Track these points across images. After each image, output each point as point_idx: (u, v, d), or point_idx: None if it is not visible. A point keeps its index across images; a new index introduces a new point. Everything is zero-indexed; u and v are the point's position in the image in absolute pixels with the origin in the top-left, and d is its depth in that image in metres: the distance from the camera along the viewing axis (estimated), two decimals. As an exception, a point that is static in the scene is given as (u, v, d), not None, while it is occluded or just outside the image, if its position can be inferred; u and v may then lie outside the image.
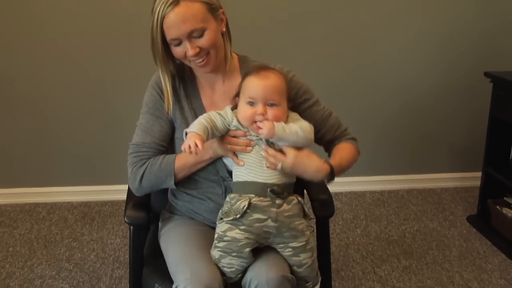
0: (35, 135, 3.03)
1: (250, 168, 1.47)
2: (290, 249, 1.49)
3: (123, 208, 1.65)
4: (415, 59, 3.13)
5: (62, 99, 2.98)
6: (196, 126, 1.43)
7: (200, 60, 1.50)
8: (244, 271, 1.49)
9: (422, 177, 3.35)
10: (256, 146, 1.48)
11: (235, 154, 1.50)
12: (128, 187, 1.79)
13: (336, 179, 1.58)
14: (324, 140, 1.70)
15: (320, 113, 1.67)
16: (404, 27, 3.08)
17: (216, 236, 1.49)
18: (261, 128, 1.43)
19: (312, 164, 1.47)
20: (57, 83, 2.95)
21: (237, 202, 1.46)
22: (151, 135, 1.58)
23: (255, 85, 1.44)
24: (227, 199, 1.50)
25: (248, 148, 1.48)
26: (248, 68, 1.59)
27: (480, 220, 2.87)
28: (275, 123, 1.43)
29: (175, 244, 1.57)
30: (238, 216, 1.45)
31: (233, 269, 1.47)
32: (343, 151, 1.68)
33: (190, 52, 1.47)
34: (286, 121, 1.48)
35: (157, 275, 1.58)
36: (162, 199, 1.69)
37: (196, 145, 1.37)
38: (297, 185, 1.73)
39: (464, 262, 2.55)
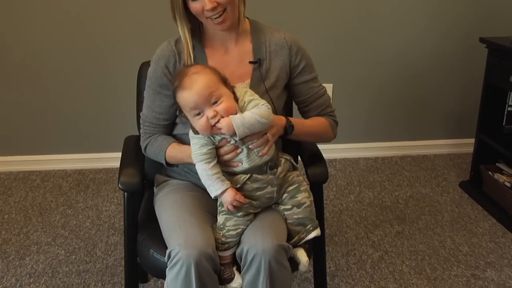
0: (28, 102, 3.01)
1: (243, 161, 1.50)
2: (286, 194, 1.56)
3: (117, 175, 1.66)
4: (409, 24, 3.11)
5: (55, 64, 2.95)
6: (212, 178, 1.47)
7: (217, 15, 1.51)
8: (238, 242, 1.52)
9: (416, 143, 3.37)
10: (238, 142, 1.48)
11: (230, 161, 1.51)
12: (122, 154, 1.80)
13: (330, 146, 1.61)
14: (307, 116, 1.74)
15: (315, 90, 1.71)
16: (400, -8, 3.05)
17: (219, 202, 1.53)
18: (220, 128, 1.43)
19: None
20: (50, 48, 2.92)
21: (236, 175, 1.52)
22: (152, 110, 1.65)
23: (189, 97, 1.43)
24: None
25: (238, 151, 1.49)
26: (258, 33, 1.64)
27: (472, 185, 2.90)
28: (232, 118, 1.43)
29: (168, 209, 1.59)
30: (237, 186, 1.50)
31: (239, 229, 1.50)
32: (313, 120, 1.72)
33: (208, 5, 1.49)
34: (237, 104, 1.48)
35: (152, 240, 1.60)
36: (157, 165, 1.69)
37: (238, 200, 1.47)
38: (292, 149, 1.75)
39: (455, 226, 2.58)
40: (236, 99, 1.48)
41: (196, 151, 1.48)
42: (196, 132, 1.48)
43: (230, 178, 1.51)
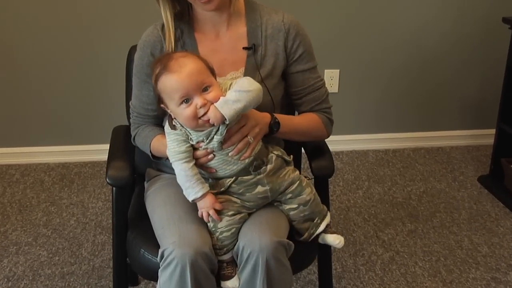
0: (6, 89, 3.01)
1: (223, 167, 1.50)
2: (290, 194, 1.56)
3: (105, 169, 1.67)
4: (424, 3, 3.10)
5: (36, 47, 2.94)
6: (189, 181, 1.47)
7: None
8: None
9: (430, 134, 3.38)
10: (215, 147, 1.48)
11: (203, 166, 1.52)
12: (110, 145, 1.82)
13: (337, 137, 1.61)
14: (300, 109, 1.73)
15: (311, 82, 1.69)
16: (413, -31, 3.05)
17: None
18: (208, 120, 1.42)
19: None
20: (30, 29, 2.92)
21: (223, 181, 1.53)
22: (139, 100, 1.66)
23: (178, 81, 1.41)
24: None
25: (210, 156, 1.48)
26: (254, 14, 1.63)
27: (492, 180, 2.91)
28: (214, 104, 1.41)
29: (161, 205, 1.60)
30: (222, 189, 1.52)
31: (233, 229, 1.51)
32: (303, 117, 1.71)
33: None
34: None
35: (143, 239, 1.62)
36: (148, 158, 1.70)
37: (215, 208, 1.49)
38: (294, 143, 1.76)
39: (474, 225, 2.60)
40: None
41: (174, 149, 1.47)
42: (173, 127, 1.48)
43: (213, 182, 1.53)
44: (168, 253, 1.43)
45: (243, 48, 1.63)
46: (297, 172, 1.60)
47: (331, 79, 3.15)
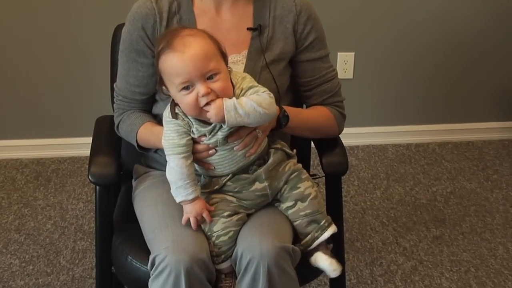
0: (-28, 75, 3.02)
1: (224, 164, 1.52)
2: (286, 186, 1.57)
3: (87, 165, 1.68)
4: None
5: (6, 26, 2.95)
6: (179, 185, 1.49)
7: None
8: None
9: (459, 127, 3.38)
10: (218, 141, 1.49)
11: (201, 161, 1.53)
12: (93, 139, 1.83)
13: (351, 130, 1.61)
14: (309, 102, 1.75)
15: (322, 72, 1.71)
16: None
17: None
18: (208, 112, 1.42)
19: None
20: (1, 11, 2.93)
21: (217, 178, 1.54)
22: (126, 81, 1.67)
23: (179, 63, 1.41)
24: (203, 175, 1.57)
25: (211, 152, 1.50)
26: None
27: (529, 179, 2.92)
28: (224, 101, 1.41)
29: (152, 206, 1.61)
30: (216, 187, 1.54)
31: (231, 232, 1.52)
32: (313, 110, 1.73)
33: None
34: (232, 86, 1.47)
35: (130, 245, 1.63)
36: (136, 153, 1.72)
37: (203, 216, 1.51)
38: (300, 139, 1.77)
39: (509, 231, 2.61)
40: (231, 82, 1.48)
41: (173, 140, 1.48)
42: (174, 115, 1.48)
43: (207, 180, 1.55)
44: (160, 260, 1.44)
45: (248, 28, 1.64)
46: (299, 165, 1.61)
47: (345, 63, 3.16)
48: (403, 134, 3.35)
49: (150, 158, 1.76)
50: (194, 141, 1.50)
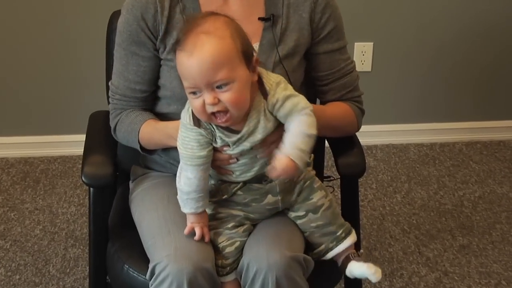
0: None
1: (244, 170, 1.51)
2: (298, 197, 1.57)
3: (79, 165, 1.69)
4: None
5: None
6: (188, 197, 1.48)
7: None
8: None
9: (489, 124, 3.38)
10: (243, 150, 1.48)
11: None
12: (86, 136, 1.84)
13: (370, 127, 1.61)
14: (325, 98, 1.74)
15: (340, 65, 1.71)
16: None
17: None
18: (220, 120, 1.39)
19: None
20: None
21: (226, 185, 1.53)
22: (124, 78, 1.66)
23: (185, 65, 1.37)
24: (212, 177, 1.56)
25: (232, 161, 1.49)
26: None
27: None
28: (291, 155, 1.39)
29: (152, 210, 1.62)
30: (225, 197, 1.53)
31: (237, 243, 1.52)
32: (336, 107, 1.72)
33: None
34: (255, 91, 1.44)
35: (127, 252, 1.64)
36: (134, 152, 1.72)
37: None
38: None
39: (543, 240, 2.61)
40: (263, 90, 1.44)
41: (192, 150, 1.45)
42: (196, 123, 1.44)
43: (216, 186, 1.54)
44: (161, 269, 1.45)
45: (259, 18, 1.64)
46: (312, 172, 1.61)
47: (363, 54, 3.16)
48: (426, 133, 3.35)
49: (149, 159, 1.77)
50: (215, 149, 1.49)
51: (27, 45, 3.01)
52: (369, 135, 3.16)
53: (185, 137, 1.46)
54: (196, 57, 1.35)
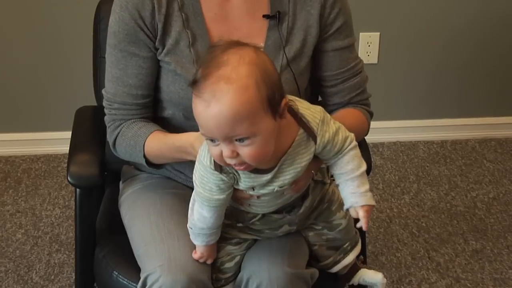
0: None
1: (263, 206, 1.48)
2: (315, 220, 1.58)
3: (64, 164, 1.68)
4: None
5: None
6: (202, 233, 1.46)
7: None
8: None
9: (504, 120, 3.39)
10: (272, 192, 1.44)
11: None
12: (72, 133, 1.84)
13: (376, 124, 1.61)
14: (332, 101, 1.71)
15: (350, 64, 1.69)
16: None
17: None
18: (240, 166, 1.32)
19: None
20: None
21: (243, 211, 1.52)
22: (123, 83, 1.61)
23: (202, 116, 1.27)
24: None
25: (253, 198, 1.45)
26: None
27: None
28: (363, 202, 1.40)
29: (143, 215, 1.61)
30: (240, 225, 1.53)
31: (237, 258, 1.53)
32: (350, 116, 1.67)
33: None
34: (291, 134, 1.37)
35: (116, 258, 1.64)
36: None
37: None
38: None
39: None
40: (308, 128, 1.37)
41: (211, 193, 1.40)
42: (217, 168, 1.37)
43: (232, 210, 1.51)
44: (154, 280, 1.45)
45: (263, 16, 1.62)
46: (330, 191, 1.59)
47: (369, 45, 3.16)
48: (436, 129, 3.35)
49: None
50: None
51: (8, 38, 3.01)
52: (376, 132, 3.13)
53: (204, 177, 1.40)
54: (213, 110, 1.23)
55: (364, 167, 1.42)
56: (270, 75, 1.27)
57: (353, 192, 1.40)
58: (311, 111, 1.38)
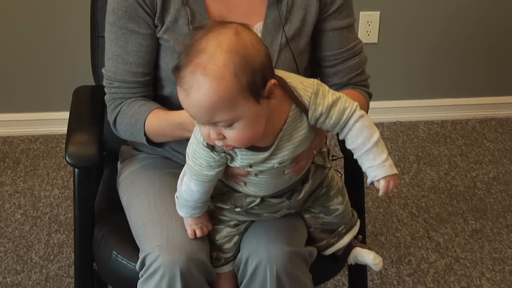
0: None
1: (262, 187, 1.47)
2: (313, 203, 1.58)
3: (63, 145, 1.68)
4: None
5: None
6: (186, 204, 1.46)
7: None
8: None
9: (505, 100, 3.39)
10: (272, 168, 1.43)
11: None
12: (70, 113, 1.84)
13: (376, 104, 1.60)
14: (331, 81, 1.70)
15: (349, 44, 1.68)
16: None
17: None
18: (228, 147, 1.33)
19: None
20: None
21: (241, 195, 1.51)
22: (123, 61, 1.61)
23: (184, 104, 1.28)
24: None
25: (250, 176, 1.44)
26: None
27: None
28: (382, 174, 1.35)
29: (141, 195, 1.62)
30: (238, 210, 1.52)
31: (235, 238, 1.54)
32: (349, 97, 1.60)
33: None
34: (284, 110, 1.36)
35: (115, 238, 1.65)
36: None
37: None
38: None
39: (562, 224, 2.63)
40: (299, 103, 1.35)
41: (200, 168, 1.40)
42: (209, 146, 1.37)
43: (231, 194, 1.51)
44: (152, 260, 1.45)
45: None
46: (330, 176, 1.58)
47: (369, 24, 3.15)
48: (437, 109, 3.35)
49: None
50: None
51: (4, 17, 3.00)
52: (375, 112, 3.12)
53: (196, 151, 1.40)
54: (192, 99, 1.25)
55: (375, 136, 1.37)
56: (251, 60, 1.25)
57: (369, 166, 1.37)
58: (303, 85, 1.36)
